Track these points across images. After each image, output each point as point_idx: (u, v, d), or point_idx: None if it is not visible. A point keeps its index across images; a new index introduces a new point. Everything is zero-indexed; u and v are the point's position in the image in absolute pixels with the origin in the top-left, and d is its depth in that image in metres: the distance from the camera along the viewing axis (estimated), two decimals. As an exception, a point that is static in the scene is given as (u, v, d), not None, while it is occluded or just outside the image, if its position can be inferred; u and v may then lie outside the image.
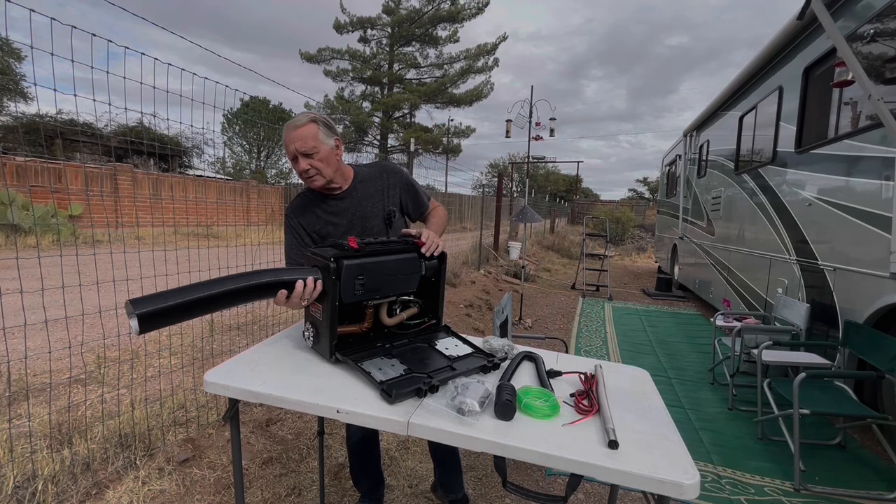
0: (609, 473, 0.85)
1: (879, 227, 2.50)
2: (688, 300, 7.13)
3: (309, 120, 1.44)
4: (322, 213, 1.56)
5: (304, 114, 1.47)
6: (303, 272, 1.19)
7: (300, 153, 1.42)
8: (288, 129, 1.44)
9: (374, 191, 1.60)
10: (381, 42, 23.55)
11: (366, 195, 1.59)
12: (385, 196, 1.61)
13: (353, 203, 1.57)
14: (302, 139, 1.41)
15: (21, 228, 8.36)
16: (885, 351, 2.23)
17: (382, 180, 1.62)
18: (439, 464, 1.82)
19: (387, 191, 1.62)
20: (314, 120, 1.45)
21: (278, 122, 24.37)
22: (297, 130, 1.42)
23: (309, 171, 1.45)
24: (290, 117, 1.61)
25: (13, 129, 15.79)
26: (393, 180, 1.63)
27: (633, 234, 19.05)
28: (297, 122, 1.44)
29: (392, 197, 1.62)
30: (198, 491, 1.89)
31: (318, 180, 1.47)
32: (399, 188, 1.64)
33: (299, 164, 1.43)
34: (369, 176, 1.62)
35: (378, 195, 1.60)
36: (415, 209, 1.69)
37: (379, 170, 1.65)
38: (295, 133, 1.42)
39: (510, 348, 1.37)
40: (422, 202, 1.69)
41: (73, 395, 2.53)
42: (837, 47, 2.28)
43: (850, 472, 2.31)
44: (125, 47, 1.92)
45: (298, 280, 1.16)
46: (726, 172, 5.37)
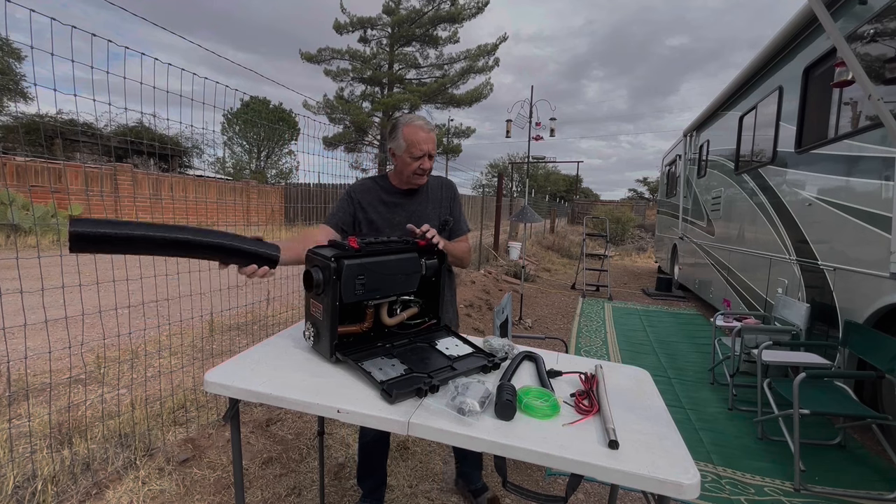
0: (609, 473, 0.86)
1: (879, 227, 2.50)
2: (688, 300, 7.13)
3: (434, 128, 1.67)
4: (384, 200, 1.69)
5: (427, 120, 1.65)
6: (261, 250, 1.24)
7: (430, 154, 1.62)
8: (423, 130, 1.60)
9: (437, 198, 1.76)
10: (381, 42, 23.54)
11: (430, 200, 1.74)
12: (443, 206, 1.77)
13: (417, 203, 1.72)
14: (433, 143, 1.63)
15: (21, 228, 8.36)
16: (885, 351, 2.23)
17: (445, 192, 1.79)
18: (462, 458, 1.96)
19: (446, 202, 1.78)
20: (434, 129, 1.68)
21: (278, 122, 24.38)
22: (431, 134, 1.62)
23: (427, 170, 1.65)
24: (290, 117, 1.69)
25: (13, 129, 15.79)
26: (452, 195, 1.80)
27: (633, 234, 19.05)
28: (429, 126, 1.63)
29: (446, 209, 1.77)
30: (198, 491, 1.89)
31: (424, 178, 1.68)
32: (453, 204, 1.80)
33: (425, 161, 1.62)
34: (435, 185, 1.79)
35: (439, 203, 1.76)
36: (453, 228, 1.78)
37: (442, 182, 1.83)
38: (430, 135, 1.62)
39: (510, 348, 1.37)
40: (460, 225, 1.81)
41: (73, 395, 2.53)
42: (837, 47, 2.28)
43: (850, 472, 2.31)
44: (125, 47, 1.92)
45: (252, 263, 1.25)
46: (726, 172, 5.38)
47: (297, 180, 28.11)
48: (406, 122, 1.62)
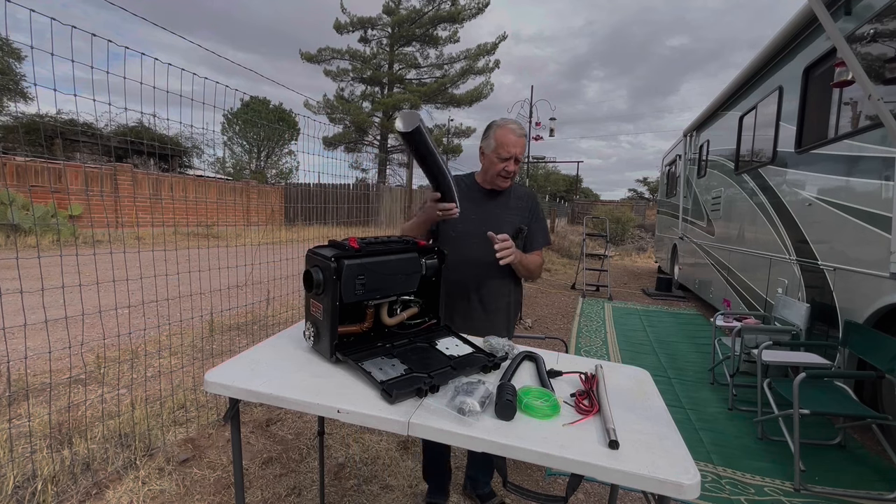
0: (609, 473, 0.85)
1: (879, 227, 2.50)
2: (688, 300, 7.13)
3: (525, 134, 1.68)
4: (469, 198, 1.71)
5: (520, 125, 1.67)
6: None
7: (516, 158, 1.64)
8: (513, 133, 1.62)
9: (518, 205, 1.77)
10: (382, 42, 23.54)
11: (510, 205, 1.76)
12: (523, 214, 1.76)
13: (496, 205, 1.74)
14: (521, 148, 1.64)
15: (21, 228, 8.36)
16: (885, 351, 2.23)
17: (528, 201, 1.80)
18: (473, 461, 1.95)
19: (525, 211, 1.77)
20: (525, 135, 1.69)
21: (278, 122, 24.37)
22: (521, 139, 1.64)
23: (511, 173, 1.67)
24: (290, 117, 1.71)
25: (13, 129, 15.79)
26: (532, 205, 1.80)
27: (633, 234, 19.04)
28: (520, 131, 1.65)
29: (526, 218, 1.76)
30: (198, 491, 1.89)
31: (508, 182, 1.71)
32: (534, 215, 1.79)
33: (510, 164, 1.64)
34: (519, 192, 1.81)
35: (519, 210, 1.76)
36: (529, 240, 1.77)
37: (526, 191, 1.86)
38: (519, 140, 1.63)
39: (510, 348, 1.37)
40: (537, 239, 1.79)
41: (73, 395, 2.53)
42: (837, 47, 2.28)
43: (850, 472, 2.31)
44: (125, 47, 1.92)
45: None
46: (726, 172, 5.37)
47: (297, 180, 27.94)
48: (500, 123, 1.65)
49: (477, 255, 1.66)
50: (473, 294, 1.71)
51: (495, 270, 1.66)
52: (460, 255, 1.64)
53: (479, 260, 1.66)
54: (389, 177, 25.69)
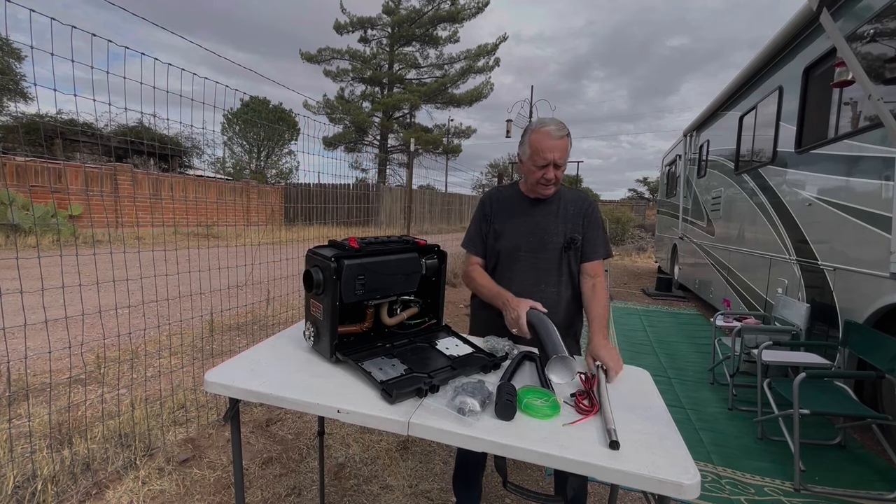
0: (609, 473, 0.85)
1: (879, 227, 2.50)
2: (688, 300, 7.13)
3: (566, 133, 1.49)
4: (512, 210, 1.63)
5: (561, 124, 1.50)
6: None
7: (556, 163, 1.48)
8: (549, 137, 1.47)
9: (570, 212, 1.61)
10: (381, 42, 23.56)
11: (559, 214, 1.60)
12: (575, 221, 1.60)
13: (543, 213, 1.60)
14: (562, 151, 1.48)
15: (21, 228, 8.36)
16: (885, 351, 2.23)
17: (579, 206, 1.62)
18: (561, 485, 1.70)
19: (577, 218, 1.60)
20: (568, 134, 1.50)
21: (278, 122, 24.38)
22: (559, 142, 1.47)
23: (552, 180, 1.51)
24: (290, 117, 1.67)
25: (13, 129, 15.79)
26: (585, 212, 1.61)
27: (633, 234, 19.05)
28: (559, 133, 1.47)
29: (578, 226, 1.60)
30: (198, 491, 1.89)
31: (551, 189, 1.55)
32: (589, 220, 1.61)
33: (549, 171, 1.49)
34: (572, 198, 1.64)
35: (570, 218, 1.60)
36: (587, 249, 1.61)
37: (580, 197, 1.66)
38: (557, 143, 1.47)
39: (510, 348, 1.37)
40: (596, 248, 1.61)
41: (73, 395, 2.53)
42: (837, 47, 2.28)
43: (850, 472, 2.31)
44: (125, 47, 1.92)
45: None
46: (726, 172, 5.37)
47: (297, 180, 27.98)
48: (535, 127, 1.51)
49: (526, 270, 1.58)
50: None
51: (547, 285, 1.56)
52: (509, 270, 1.59)
53: (529, 276, 1.57)
54: (389, 177, 25.71)
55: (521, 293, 1.52)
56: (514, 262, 1.59)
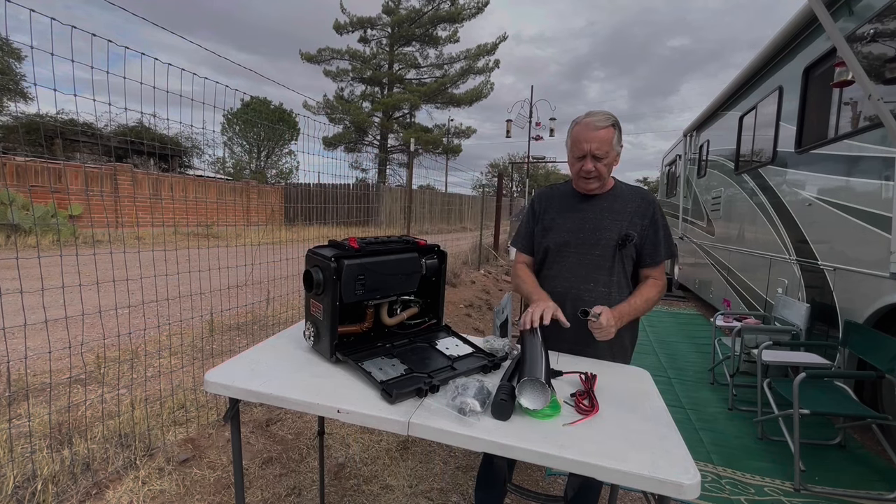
0: (609, 473, 0.85)
1: (879, 227, 2.50)
2: (688, 300, 7.13)
3: (610, 124, 1.42)
4: (562, 205, 1.58)
5: (605, 115, 1.43)
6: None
7: (592, 155, 1.41)
8: (587, 128, 1.41)
9: (624, 209, 1.52)
10: (381, 42, 23.55)
11: (613, 209, 1.52)
12: (632, 219, 1.50)
13: (597, 210, 1.53)
14: (599, 142, 1.40)
15: (21, 228, 8.36)
16: (885, 351, 2.23)
17: (637, 204, 1.52)
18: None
19: (636, 216, 1.51)
20: (614, 124, 1.43)
21: (278, 122, 24.38)
22: (598, 132, 1.40)
23: (591, 173, 1.44)
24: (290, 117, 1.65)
25: (13, 129, 15.79)
26: (647, 210, 1.51)
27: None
28: (598, 123, 1.41)
29: (636, 224, 1.50)
30: (198, 491, 1.89)
31: (593, 183, 1.48)
32: (648, 220, 1.51)
33: (586, 163, 1.43)
34: (627, 194, 1.55)
35: (626, 215, 1.51)
36: (646, 252, 1.51)
37: (639, 194, 1.56)
38: (594, 134, 1.40)
39: (510, 348, 1.37)
40: (657, 251, 1.51)
41: (73, 395, 2.53)
42: (837, 47, 2.28)
43: (850, 472, 2.31)
44: (125, 47, 1.92)
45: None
46: (726, 172, 5.37)
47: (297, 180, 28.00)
48: (578, 118, 1.46)
49: (574, 266, 1.51)
50: (569, 310, 1.44)
51: (596, 284, 1.49)
52: (558, 267, 1.54)
53: (577, 272, 1.51)
54: (389, 177, 25.72)
55: (568, 290, 1.49)
56: (562, 258, 1.54)
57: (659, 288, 1.50)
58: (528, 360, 1.11)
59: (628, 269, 1.52)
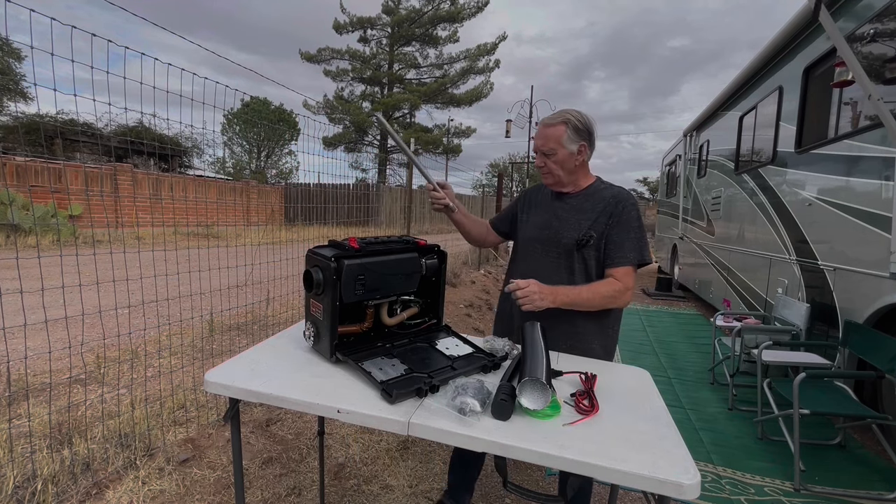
0: (609, 473, 0.85)
1: (879, 227, 2.50)
2: (688, 300, 7.13)
3: (560, 121, 1.45)
4: (539, 202, 1.63)
5: (561, 112, 1.48)
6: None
7: (541, 151, 1.48)
8: (539, 127, 1.51)
9: (593, 209, 1.49)
10: (381, 42, 23.56)
11: (583, 209, 1.50)
12: (597, 219, 1.47)
13: (567, 209, 1.53)
14: (544, 138, 1.47)
15: (21, 228, 8.36)
16: (885, 351, 2.23)
17: (606, 204, 1.48)
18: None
19: (602, 215, 1.47)
20: (565, 122, 1.45)
21: (278, 122, 24.38)
22: (545, 129, 1.47)
23: (542, 169, 1.52)
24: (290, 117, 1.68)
25: (13, 129, 15.79)
26: (615, 210, 1.46)
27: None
28: (547, 121, 1.48)
29: (600, 224, 1.46)
30: (198, 491, 1.89)
31: (548, 179, 1.54)
32: (614, 219, 1.46)
33: (537, 159, 1.53)
34: (602, 194, 1.51)
35: (593, 215, 1.48)
36: (607, 252, 1.46)
37: (614, 194, 1.50)
38: (541, 131, 1.48)
39: (511, 348, 1.37)
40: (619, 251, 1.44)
41: (73, 395, 2.53)
42: (837, 47, 2.28)
43: (850, 472, 2.31)
44: (125, 47, 1.92)
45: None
46: (726, 172, 5.37)
47: (297, 180, 28.05)
48: None
49: (539, 263, 1.53)
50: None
51: (560, 281, 1.45)
52: (525, 263, 1.57)
53: (540, 269, 1.50)
54: (389, 177, 25.71)
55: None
56: (528, 253, 1.58)
57: (615, 287, 1.42)
58: (529, 359, 1.11)
59: (591, 269, 1.49)
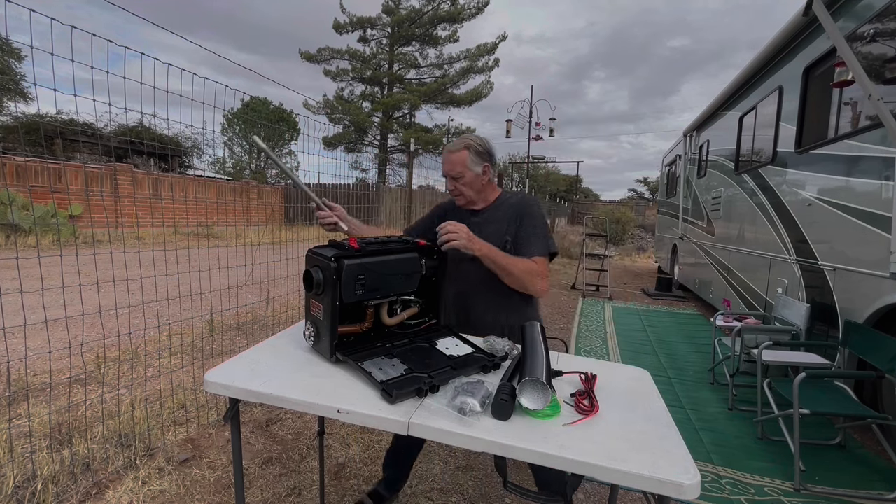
0: (609, 473, 0.85)
1: (879, 227, 2.50)
2: (688, 300, 7.13)
3: (463, 147, 1.60)
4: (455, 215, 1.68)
5: (462, 139, 1.62)
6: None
7: (448, 175, 1.62)
8: (445, 152, 1.64)
9: (500, 216, 1.65)
10: (381, 42, 23.55)
11: (493, 219, 1.65)
12: (508, 225, 1.63)
13: (482, 223, 1.65)
14: (451, 164, 1.60)
15: (21, 228, 8.36)
16: (885, 351, 2.23)
17: (511, 210, 1.65)
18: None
19: (511, 221, 1.63)
20: (467, 147, 1.60)
21: (278, 122, 24.37)
22: (450, 154, 1.60)
23: (454, 191, 1.65)
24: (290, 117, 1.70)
25: (13, 129, 15.79)
26: (517, 213, 1.62)
27: (633, 234, 19.04)
28: (451, 148, 1.62)
29: (511, 229, 1.62)
30: (198, 491, 1.89)
31: (460, 200, 1.67)
32: (519, 220, 1.61)
33: (448, 182, 1.64)
34: (506, 203, 1.68)
35: (504, 223, 1.63)
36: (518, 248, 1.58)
37: (517, 200, 1.68)
38: (447, 157, 1.61)
39: (511, 348, 1.37)
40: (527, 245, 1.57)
41: (73, 395, 2.53)
42: (837, 47, 2.28)
43: (850, 472, 2.31)
44: (125, 47, 1.92)
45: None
46: (726, 172, 5.37)
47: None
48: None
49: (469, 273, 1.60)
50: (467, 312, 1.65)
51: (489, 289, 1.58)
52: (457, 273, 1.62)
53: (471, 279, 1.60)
54: (389, 177, 25.70)
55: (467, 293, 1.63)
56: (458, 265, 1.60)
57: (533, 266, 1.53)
58: (529, 359, 1.11)
59: None
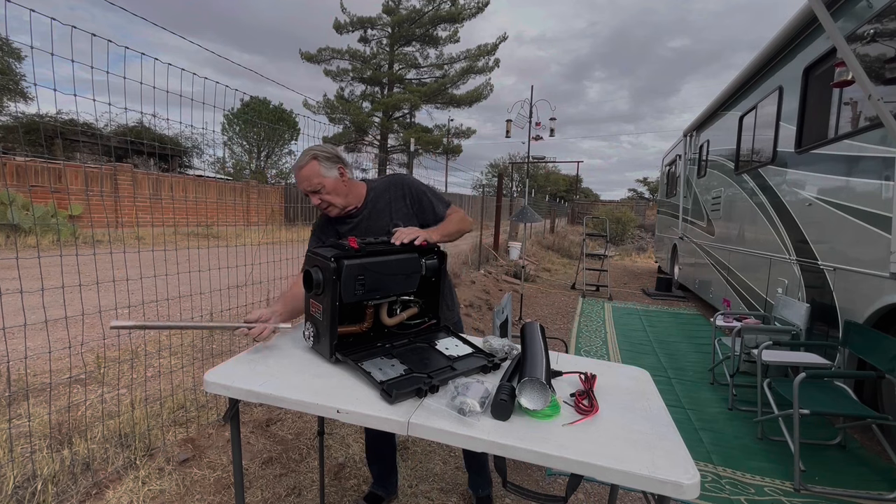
0: (609, 473, 0.85)
1: (879, 227, 2.50)
2: (688, 300, 7.13)
3: (309, 159, 1.49)
4: (337, 231, 1.63)
5: (305, 152, 1.51)
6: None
7: (309, 192, 1.51)
8: (294, 172, 1.52)
9: (382, 206, 1.61)
10: (381, 42, 23.54)
11: (375, 211, 1.60)
12: (391, 210, 1.60)
13: (362, 220, 1.61)
14: (306, 179, 1.48)
15: (21, 228, 8.36)
16: (885, 351, 2.23)
17: (389, 194, 1.61)
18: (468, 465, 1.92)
19: (392, 204, 1.60)
20: (315, 157, 1.49)
21: (278, 121, 24.37)
22: (300, 172, 1.49)
23: (322, 205, 1.54)
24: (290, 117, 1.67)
25: (13, 129, 15.79)
26: (398, 193, 1.61)
27: (633, 234, 19.05)
28: (299, 164, 1.50)
29: (398, 210, 1.60)
30: (198, 491, 1.89)
31: (332, 210, 1.56)
32: (406, 200, 1.61)
33: (312, 200, 1.52)
34: (380, 191, 1.63)
35: (386, 210, 1.60)
36: (428, 220, 1.61)
37: (387, 184, 1.64)
38: (299, 175, 1.50)
39: (510, 348, 1.37)
40: (434, 212, 1.61)
41: (73, 395, 2.53)
42: (837, 47, 2.28)
43: (850, 472, 2.31)
44: (125, 47, 1.92)
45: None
46: (726, 172, 5.37)
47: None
48: None
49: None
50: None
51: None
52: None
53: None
54: (389, 177, 25.65)
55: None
56: None
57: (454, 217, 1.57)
58: (529, 359, 1.11)
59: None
